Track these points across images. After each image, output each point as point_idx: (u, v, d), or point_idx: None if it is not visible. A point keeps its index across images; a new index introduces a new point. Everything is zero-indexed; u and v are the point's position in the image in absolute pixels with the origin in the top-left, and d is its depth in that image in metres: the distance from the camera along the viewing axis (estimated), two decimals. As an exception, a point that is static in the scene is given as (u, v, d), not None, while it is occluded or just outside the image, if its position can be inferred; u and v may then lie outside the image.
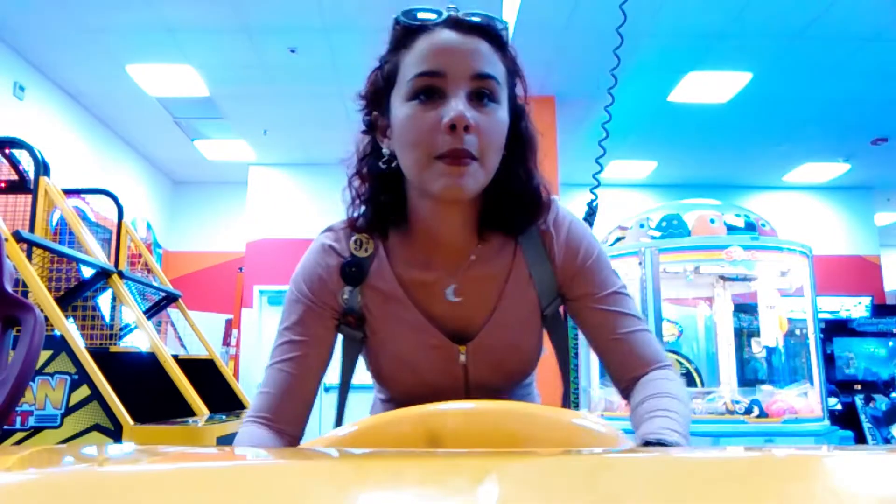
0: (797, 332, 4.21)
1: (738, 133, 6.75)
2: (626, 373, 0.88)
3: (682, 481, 0.36)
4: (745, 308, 4.41)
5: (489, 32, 0.80)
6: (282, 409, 0.86)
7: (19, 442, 2.29)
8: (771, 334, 4.07)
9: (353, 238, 0.90)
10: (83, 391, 2.31)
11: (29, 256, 2.72)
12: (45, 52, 5.19)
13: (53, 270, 3.13)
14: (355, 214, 0.89)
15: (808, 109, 6.15)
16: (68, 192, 3.33)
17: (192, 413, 2.68)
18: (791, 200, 8.43)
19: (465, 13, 0.80)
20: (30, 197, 3.00)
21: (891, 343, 6.71)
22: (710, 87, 5.68)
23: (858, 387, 6.35)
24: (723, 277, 4.07)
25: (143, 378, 2.75)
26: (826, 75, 5.44)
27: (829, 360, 6.18)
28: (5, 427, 2.16)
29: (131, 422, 2.27)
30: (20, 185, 3.25)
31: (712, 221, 3.83)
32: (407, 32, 0.82)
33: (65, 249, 2.87)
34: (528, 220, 0.88)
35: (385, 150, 0.85)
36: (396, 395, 0.96)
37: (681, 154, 7.39)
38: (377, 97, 0.86)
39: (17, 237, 2.43)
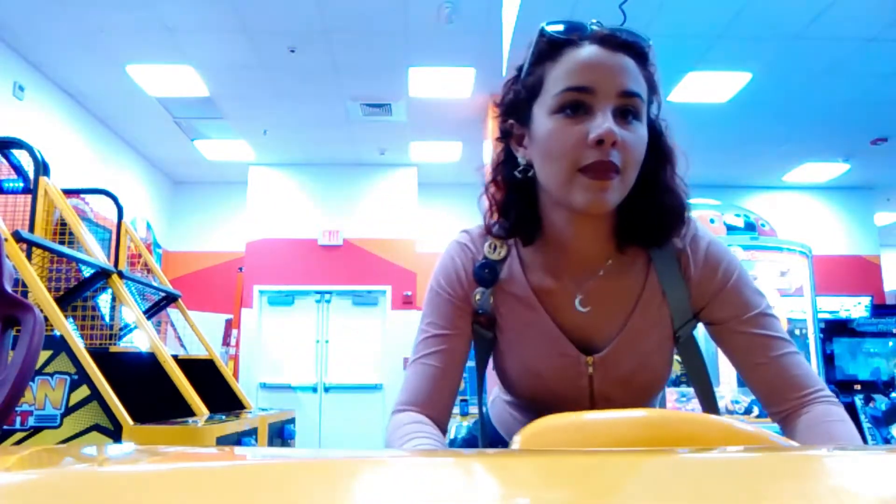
0: (797, 332, 4.21)
1: (738, 133, 6.75)
2: (778, 399, 0.85)
3: (682, 481, 0.36)
4: (745, 308, 4.41)
5: (636, 49, 0.81)
6: (429, 402, 0.87)
7: (19, 442, 2.29)
8: (771, 334, 4.07)
9: (488, 242, 0.91)
10: (83, 391, 2.31)
11: (29, 256, 2.72)
12: (45, 52, 5.19)
13: (53, 270, 3.13)
14: (492, 221, 0.91)
15: (808, 109, 6.15)
16: (68, 192, 3.33)
17: (191, 413, 2.68)
18: (791, 200, 8.43)
19: (613, 29, 0.81)
20: (30, 197, 3.00)
21: (891, 343, 6.71)
22: (710, 87, 5.68)
23: (858, 387, 6.34)
24: (723, 277, 4.07)
25: (142, 378, 2.75)
26: (826, 75, 5.44)
27: (828, 360, 6.17)
28: (5, 427, 2.16)
29: (131, 422, 2.27)
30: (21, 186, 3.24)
31: (712, 221, 3.84)
32: (553, 45, 0.82)
33: (64, 249, 2.87)
34: (664, 233, 0.87)
35: (521, 159, 0.86)
36: (520, 398, 0.97)
37: (681, 154, 7.39)
38: (516, 107, 0.86)
39: (17, 237, 2.43)
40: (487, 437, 1.07)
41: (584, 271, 0.89)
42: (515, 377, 0.93)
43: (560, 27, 0.82)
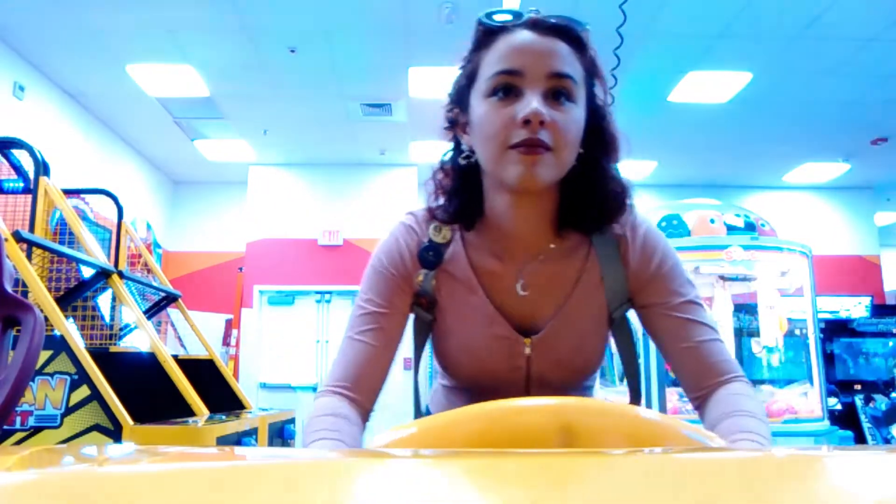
0: (797, 332, 4.21)
1: (738, 133, 6.75)
2: (698, 383, 0.87)
3: (682, 481, 0.36)
4: (745, 308, 4.41)
5: (568, 33, 0.83)
6: (360, 380, 0.87)
7: (19, 442, 2.29)
8: (771, 334, 4.07)
9: (433, 225, 0.93)
10: (83, 391, 2.31)
11: (29, 256, 2.72)
12: (45, 52, 5.19)
13: (53, 270, 3.13)
14: (435, 205, 0.93)
15: (808, 109, 6.15)
16: (68, 192, 3.33)
17: (191, 413, 2.68)
18: (791, 200, 8.43)
19: (545, 15, 0.83)
20: (30, 197, 3.00)
21: (891, 343, 6.71)
22: (710, 87, 5.68)
23: (858, 387, 6.35)
24: (723, 277, 4.07)
25: (143, 378, 2.75)
26: (826, 75, 5.45)
27: (829, 360, 6.18)
28: (5, 427, 2.16)
29: (131, 422, 2.27)
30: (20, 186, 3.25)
31: (712, 221, 3.84)
32: (487, 33, 0.85)
33: (65, 249, 2.87)
34: (605, 218, 0.89)
35: (464, 146, 0.89)
36: (458, 381, 0.98)
37: (681, 154, 7.40)
38: (459, 95, 0.90)
39: (17, 237, 2.43)
40: (420, 413, 1.08)
41: (525, 255, 0.90)
42: (455, 358, 0.95)
43: (496, 16, 0.84)
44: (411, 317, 0.96)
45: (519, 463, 0.41)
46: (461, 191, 0.91)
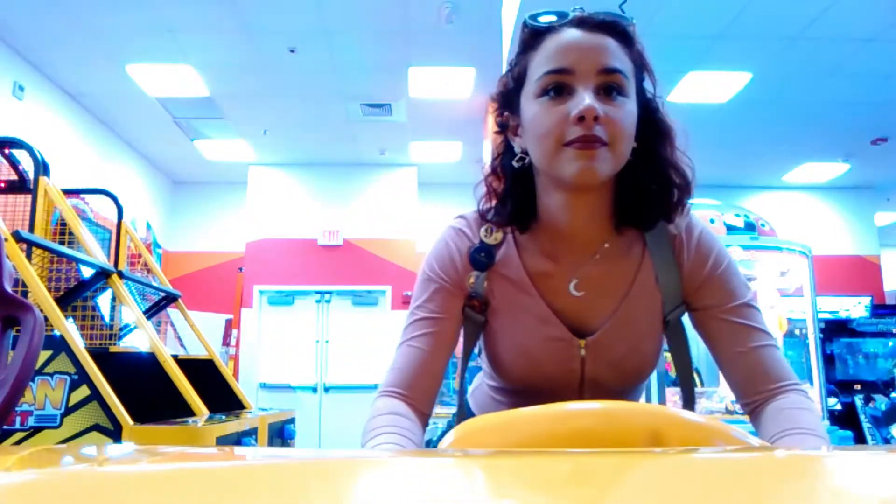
0: (797, 332, 4.21)
1: (738, 133, 6.75)
2: (751, 390, 0.86)
3: (682, 481, 0.36)
4: (744, 308, 4.41)
5: (615, 29, 0.82)
6: (415, 385, 0.87)
7: (19, 442, 2.29)
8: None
9: (484, 227, 0.93)
10: (83, 391, 2.31)
11: (28, 256, 2.72)
12: (45, 52, 5.19)
13: (53, 270, 3.13)
14: (486, 208, 0.93)
15: (808, 109, 6.15)
16: (68, 192, 3.33)
17: (191, 413, 2.68)
18: (791, 200, 8.43)
19: (593, 12, 0.83)
20: (30, 197, 3.00)
21: (891, 343, 6.71)
22: (710, 87, 5.68)
23: (858, 387, 6.35)
24: (723, 277, 4.07)
25: (142, 378, 2.75)
26: (826, 75, 5.45)
27: (829, 360, 6.18)
28: (5, 427, 2.16)
29: (131, 422, 2.27)
30: (20, 185, 3.24)
31: (712, 221, 3.84)
32: (534, 34, 0.84)
33: (64, 249, 2.87)
34: (665, 210, 0.88)
35: (517, 148, 0.88)
36: (510, 381, 0.97)
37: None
38: (508, 98, 0.89)
39: (17, 237, 2.43)
40: (466, 413, 1.08)
41: (580, 255, 0.90)
42: (507, 361, 0.94)
43: (541, 18, 0.84)
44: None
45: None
46: (515, 193, 0.90)
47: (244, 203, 7.76)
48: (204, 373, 3.32)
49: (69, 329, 2.42)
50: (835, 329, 6.81)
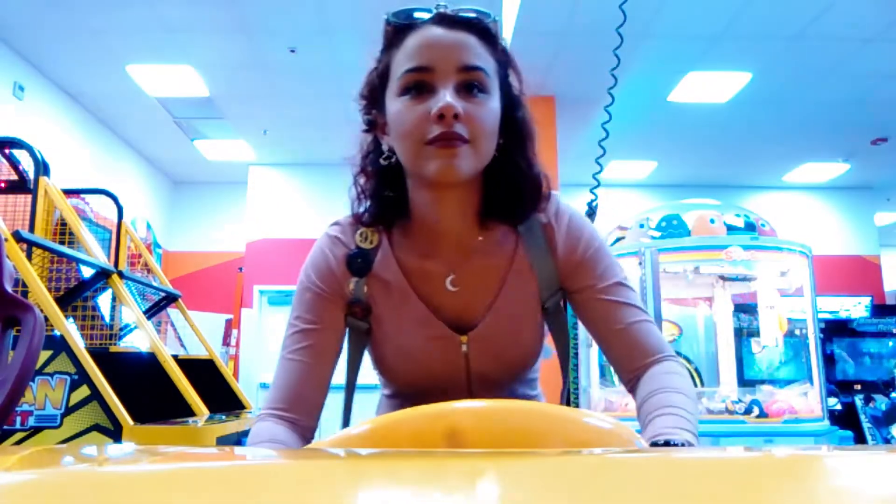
0: (797, 332, 4.21)
1: (738, 133, 6.75)
2: (629, 365, 0.88)
3: (682, 481, 0.36)
4: (745, 308, 4.41)
5: (477, 26, 0.82)
6: (297, 400, 0.86)
7: (19, 442, 2.29)
8: (771, 334, 4.07)
9: (359, 231, 0.92)
10: (83, 391, 2.31)
11: (29, 256, 2.72)
12: (45, 52, 5.19)
13: (53, 270, 3.13)
14: (360, 210, 0.92)
15: (808, 109, 6.15)
16: (68, 192, 3.33)
17: (191, 413, 2.68)
18: (791, 200, 8.43)
19: (453, 10, 0.82)
20: (30, 197, 3.00)
21: (891, 343, 6.71)
22: (710, 87, 5.68)
23: (858, 387, 6.35)
24: (723, 277, 4.07)
25: (142, 378, 2.75)
26: (826, 75, 5.45)
27: (829, 361, 6.18)
28: (5, 427, 2.16)
29: (131, 422, 2.27)
30: (20, 185, 3.25)
31: (712, 221, 3.83)
32: (397, 31, 0.84)
33: (65, 249, 2.87)
34: (528, 207, 0.89)
35: (384, 146, 0.88)
36: (400, 386, 0.97)
37: (681, 154, 7.40)
38: (373, 96, 0.89)
39: (17, 237, 2.43)
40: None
41: (453, 251, 0.90)
42: (394, 364, 0.94)
43: (405, 14, 0.84)
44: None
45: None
46: (384, 192, 0.89)
47: (244, 203, 7.76)
48: (204, 373, 3.32)
49: (69, 329, 2.42)
50: (835, 329, 6.81)
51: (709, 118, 6.33)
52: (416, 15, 0.83)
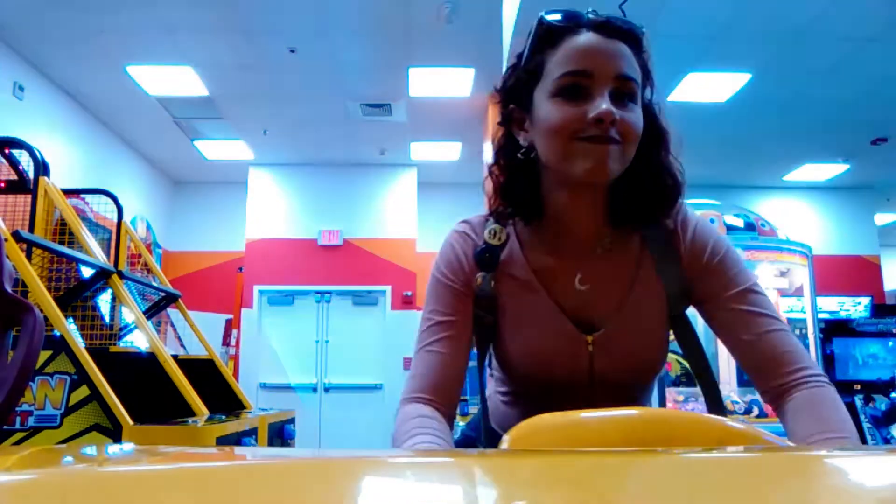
0: (797, 332, 4.21)
1: (737, 133, 6.75)
2: (767, 379, 0.85)
3: (682, 481, 0.36)
4: (744, 308, 4.41)
5: (630, 36, 0.85)
6: (437, 389, 0.88)
7: (19, 442, 2.29)
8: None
9: (488, 228, 0.94)
10: (83, 391, 2.31)
11: (28, 256, 2.72)
12: (45, 52, 5.19)
13: (53, 270, 3.13)
14: (495, 204, 0.94)
15: (808, 109, 6.15)
16: (68, 192, 3.33)
17: (191, 413, 2.68)
18: (791, 200, 8.43)
19: (609, 17, 0.85)
20: (30, 197, 3.00)
21: (891, 343, 6.71)
22: (709, 87, 5.68)
23: (858, 387, 6.34)
24: (723, 277, 4.07)
25: (142, 378, 2.75)
26: (826, 75, 5.44)
27: (828, 360, 6.17)
28: (5, 427, 2.16)
29: (131, 422, 2.27)
30: (20, 185, 3.24)
31: (712, 221, 3.84)
32: (552, 33, 0.86)
33: (65, 249, 2.87)
34: (658, 210, 0.90)
35: (523, 142, 0.90)
36: (519, 383, 0.98)
37: (681, 154, 7.39)
38: (517, 92, 0.90)
39: (17, 237, 2.43)
40: (488, 430, 1.06)
41: (582, 250, 0.91)
42: (517, 360, 0.94)
43: (558, 16, 0.86)
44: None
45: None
46: (519, 186, 0.91)
47: (244, 203, 7.76)
48: (204, 373, 3.32)
49: (69, 329, 2.42)
50: (835, 329, 6.80)
51: (709, 118, 6.33)
52: (570, 19, 0.85)
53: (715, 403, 0.97)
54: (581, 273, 0.91)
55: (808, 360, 0.85)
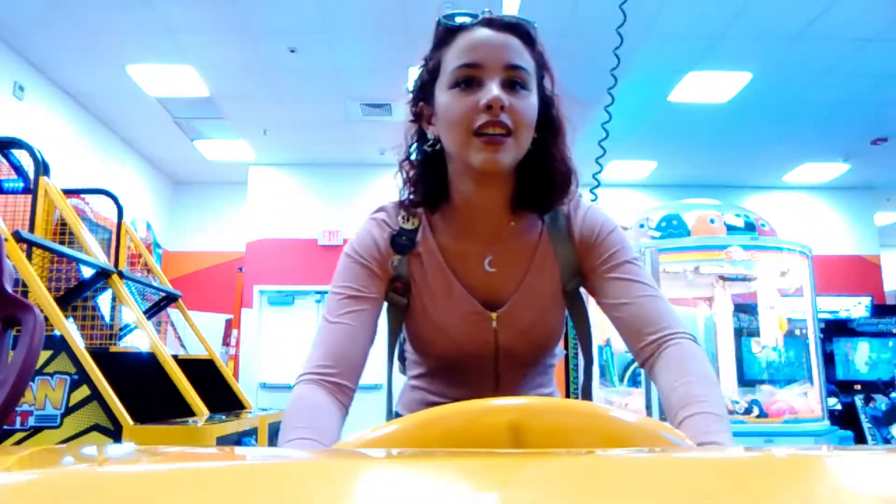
0: (797, 332, 4.21)
1: (738, 133, 6.75)
2: (639, 339, 0.91)
3: (682, 481, 0.36)
4: (745, 308, 4.41)
5: (519, 30, 0.92)
6: (341, 360, 0.90)
7: (19, 442, 2.29)
8: (771, 334, 4.07)
9: (401, 214, 1.00)
10: (83, 391, 2.31)
11: (29, 256, 2.72)
12: (45, 52, 5.19)
13: (53, 270, 3.13)
14: (405, 195, 1.00)
15: (808, 109, 6.15)
16: (68, 192, 3.33)
17: (191, 413, 2.68)
18: (791, 200, 8.43)
19: (500, 15, 0.92)
20: (30, 197, 3.00)
21: (891, 343, 6.71)
22: (710, 87, 5.68)
23: (858, 387, 6.34)
24: (723, 277, 4.07)
25: (143, 378, 2.75)
26: (826, 75, 5.45)
27: (828, 360, 6.18)
28: (5, 427, 2.16)
29: (131, 422, 2.27)
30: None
31: (712, 221, 3.84)
32: (448, 32, 0.93)
33: (65, 249, 2.87)
34: (556, 198, 0.97)
35: (430, 135, 0.96)
36: (431, 361, 1.04)
37: (681, 154, 7.40)
38: (422, 90, 0.98)
39: (17, 237, 2.43)
40: (391, 413, 1.15)
41: (490, 234, 0.98)
42: (428, 338, 1.01)
43: (462, 18, 0.92)
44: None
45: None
46: (427, 177, 0.98)
47: (244, 203, 7.76)
48: (204, 373, 3.32)
49: (69, 329, 2.42)
50: (835, 329, 6.81)
51: (709, 118, 6.33)
52: (465, 18, 0.92)
53: (587, 374, 1.09)
54: (491, 255, 0.98)
55: (674, 321, 0.91)
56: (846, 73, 5.40)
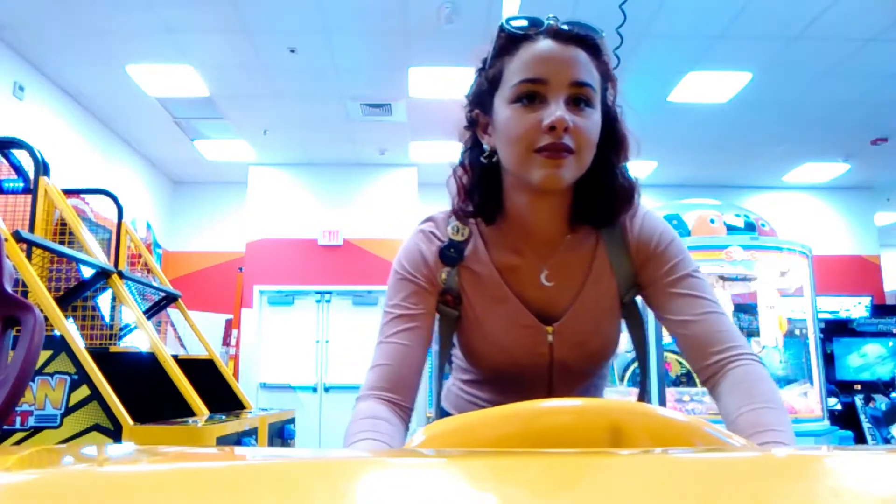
0: (797, 332, 4.21)
1: (738, 133, 6.75)
2: (701, 357, 0.88)
3: (682, 481, 0.36)
4: (745, 308, 4.41)
5: (586, 42, 0.87)
6: (397, 381, 0.89)
7: (19, 442, 2.29)
8: (771, 334, 4.07)
9: (451, 224, 0.98)
10: (83, 391, 2.31)
11: (29, 256, 2.72)
12: (45, 52, 5.19)
13: (53, 270, 3.13)
14: (457, 204, 0.97)
15: (808, 109, 6.15)
16: (68, 192, 3.33)
17: (191, 413, 2.68)
18: (791, 200, 8.43)
19: (565, 23, 0.87)
20: (30, 197, 3.00)
21: (891, 343, 6.71)
22: (710, 87, 5.68)
23: (858, 387, 6.34)
24: (723, 277, 4.07)
25: (142, 378, 2.75)
26: (826, 75, 5.45)
27: (828, 360, 6.18)
28: (5, 427, 2.16)
29: (131, 422, 2.27)
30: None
31: (712, 221, 3.84)
32: (511, 40, 0.89)
33: (65, 249, 2.87)
34: (618, 212, 0.94)
35: (486, 146, 0.93)
36: (484, 371, 1.03)
37: (681, 154, 7.40)
38: (480, 98, 0.94)
39: (17, 237, 2.43)
40: (441, 413, 1.12)
41: (544, 248, 0.96)
42: (481, 350, 0.99)
43: (520, 23, 0.88)
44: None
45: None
46: (481, 187, 0.94)
47: (244, 203, 7.76)
48: (204, 373, 3.32)
49: (69, 329, 2.42)
50: (835, 329, 6.81)
51: (709, 118, 6.33)
52: (522, 22, 0.87)
53: (642, 385, 1.08)
54: (547, 269, 0.95)
55: (740, 340, 0.89)
56: (846, 73, 5.40)
